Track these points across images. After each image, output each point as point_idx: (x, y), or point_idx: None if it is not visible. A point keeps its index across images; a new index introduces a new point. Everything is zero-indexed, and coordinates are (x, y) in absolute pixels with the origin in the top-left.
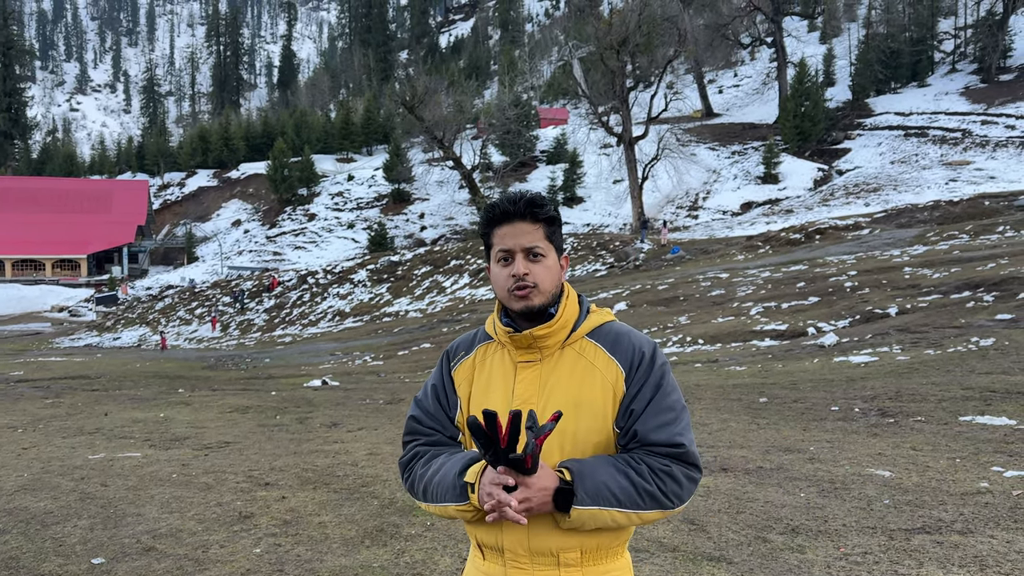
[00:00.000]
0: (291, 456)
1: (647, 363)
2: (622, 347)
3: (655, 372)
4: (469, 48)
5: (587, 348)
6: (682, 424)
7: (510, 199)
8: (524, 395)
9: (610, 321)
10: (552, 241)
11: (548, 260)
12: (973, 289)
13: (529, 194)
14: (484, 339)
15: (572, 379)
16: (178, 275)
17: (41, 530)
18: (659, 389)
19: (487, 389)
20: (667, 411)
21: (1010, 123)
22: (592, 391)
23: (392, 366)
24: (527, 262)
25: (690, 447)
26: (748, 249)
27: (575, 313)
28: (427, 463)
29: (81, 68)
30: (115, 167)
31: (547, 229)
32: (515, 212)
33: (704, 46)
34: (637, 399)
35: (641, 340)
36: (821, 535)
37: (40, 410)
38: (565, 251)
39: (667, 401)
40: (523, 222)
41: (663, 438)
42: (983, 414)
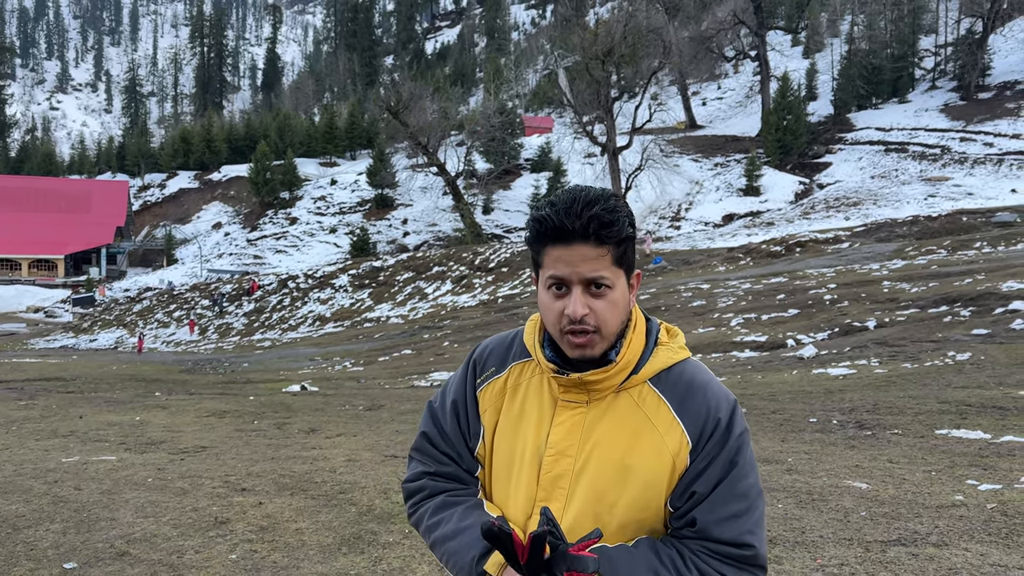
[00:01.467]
0: (268, 462)
1: (722, 433)
2: (693, 406)
3: (730, 446)
4: (455, 55)
5: (648, 398)
6: (754, 518)
7: (569, 209)
8: (561, 445)
9: (683, 361)
10: (622, 264)
11: (615, 293)
12: (950, 304)
13: (596, 204)
14: (521, 355)
15: (622, 436)
16: (157, 277)
17: (12, 534)
18: (733, 469)
19: (517, 426)
20: (739, 499)
21: (988, 140)
22: (645, 456)
23: (372, 372)
24: (587, 297)
25: (760, 549)
26: (729, 261)
27: (641, 347)
28: (438, 513)
29: (62, 67)
30: (95, 167)
31: (616, 251)
32: (575, 231)
33: (688, 58)
34: (702, 479)
35: (719, 398)
36: (798, 546)
37: (13, 412)
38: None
39: (741, 486)
40: (585, 244)
41: (729, 536)
42: (959, 428)
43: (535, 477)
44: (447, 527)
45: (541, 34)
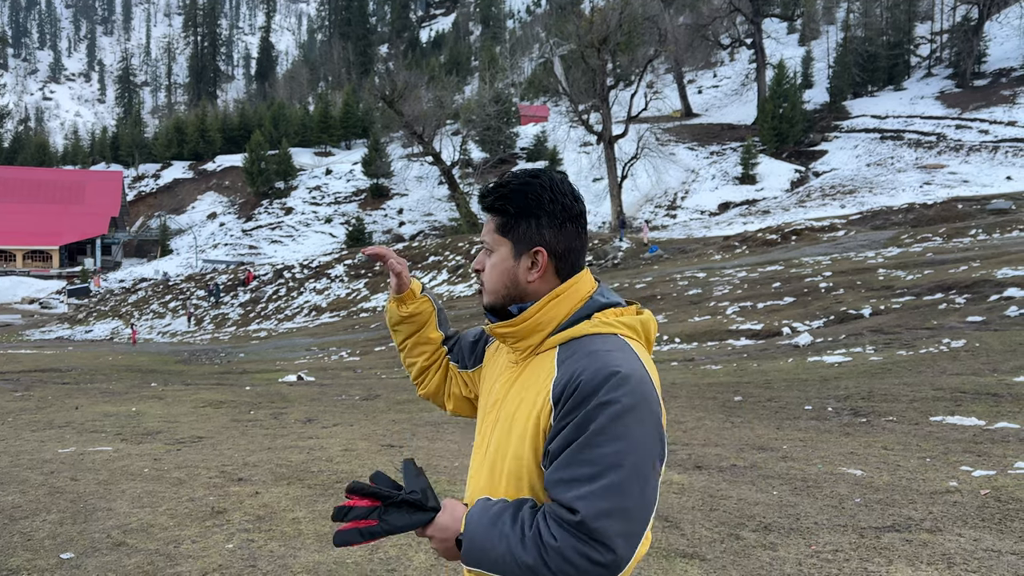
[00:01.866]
0: (265, 451)
1: (580, 397)
2: (565, 368)
3: (587, 409)
4: (450, 43)
5: (547, 360)
6: (595, 487)
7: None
8: (495, 395)
9: (598, 334)
10: (506, 234)
11: (495, 257)
12: (945, 291)
13: (508, 179)
14: None
15: (520, 392)
16: (152, 268)
17: (9, 524)
18: (583, 434)
19: (489, 375)
20: (581, 464)
21: (984, 128)
22: (525, 411)
23: (369, 362)
24: (483, 257)
25: (589, 519)
26: (725, 249)
27: (561, 315)
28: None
29: (55, 56)
30: (89, 157)
31: (500, 220)
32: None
33: (684, 46)
34: (556, 439)
35: (597, 365)
36: (793, 532)
37: (9, 403)
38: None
39: (590, 453)
40: (488, 212)
41: (561, 497)
42: (953, 414)
43: (481, 423)
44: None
45: (536, 22)
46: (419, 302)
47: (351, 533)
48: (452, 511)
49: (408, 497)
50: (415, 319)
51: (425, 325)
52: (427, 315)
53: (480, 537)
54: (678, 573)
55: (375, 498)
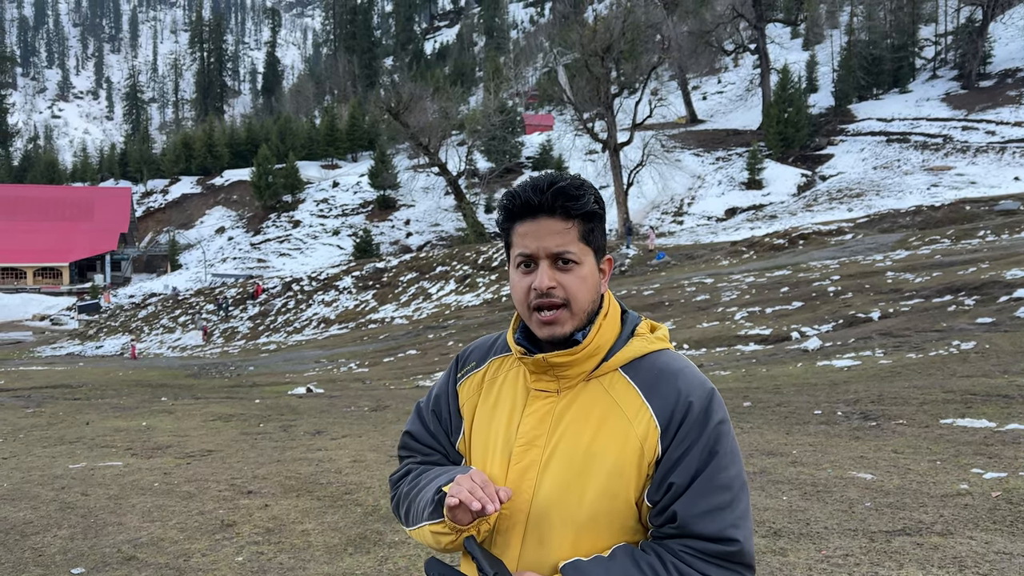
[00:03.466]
0: (274, 464)
1: (696, 419)
2: (663, 390)
3: (708, 433)
4: (454, 55)
5: (617, 385)
6: (738, 511)
7: (536, 186)
8: (530, 434)
9: (659, 351)
10: (590, 242)
11: (583, 269)
12: (954, 293)
13: (562, 180)
14: (502, 350)
15: (588, 423)
16: (161, 283)
17: (20, 540)
18: (712, 459)
19: (491, 417)
20: (720, 491)
21: (990, 128)
22: (610, 443)
23: (377, 373)
24: (554, 271)
25: (745, 545)
26: (733, 254)
27: (612, 335)
28: (415, 479)
29: (63, 75)
30: (97, 174)
31: (583, 227)
32: (540, 205)
33: (688, 53)
34: (679, 469)
35: (692, 384)
36: (803, 538)
37: (21, 420)
38: (608, 252)
39: (722, 477)
40: (551, 218)
41: (711, 531)
42: (964, 417)
43: (506, 468)
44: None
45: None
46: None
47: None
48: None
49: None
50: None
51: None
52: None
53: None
54: None
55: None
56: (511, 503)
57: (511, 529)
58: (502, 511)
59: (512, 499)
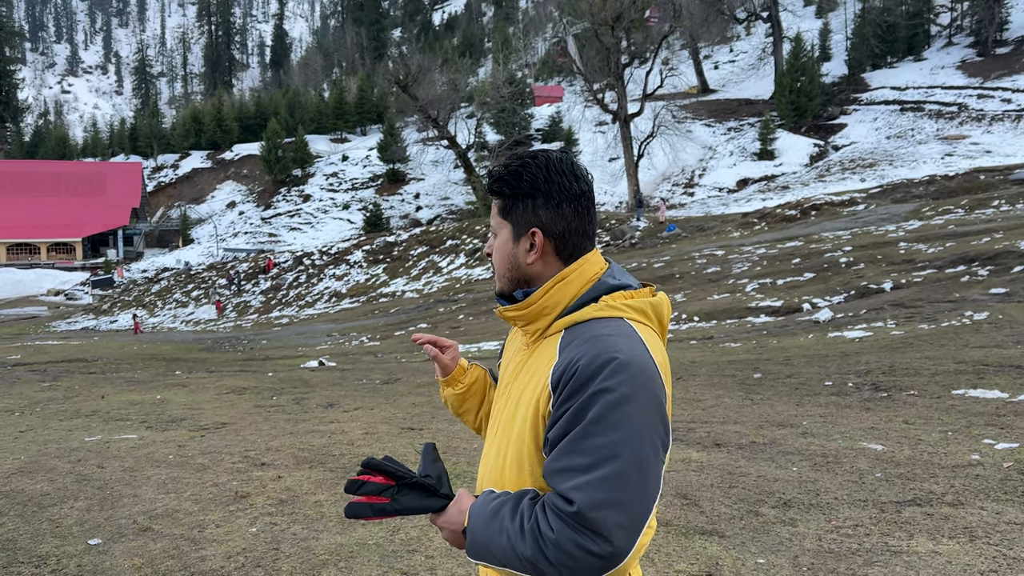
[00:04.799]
0: (287, 436)
1: (577, 384)
2: (566, 354)
3: (583, 398)
4: (463, 25)
5: (551, 343)
6: (591, 477)
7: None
8: (507, 379)
9: (606, 318)
10: (506, 217)
11: (498, 240)
12: (968, 263)
13: (511, 162)
14: None
15: (526, 376)
16: (174, 257)
17: (38, 512)
18: (578, 423)
19: (507, 359)
20: (578, 454)
21: (1006, 96)
22: (526, 393)
23: (389, 346)
24: (491, 240)
25: (585, 510)
26: (744, 226)
27: (566, 298)
28: None
29: (72, 50)
30: (108, 149)
31: (502, 204)
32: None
33: (699, 21)
34: (555, 427)
35: (595, 349)
36: (813, 508)
37: (37, 393)
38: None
39: (585, 443)
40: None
41: (559, 487)
42: (976, 387)
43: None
44: None
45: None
46: (469, 372)
47: (362, 507)
48: (460, 503)
49: (422, 480)
50: (475, 391)
51: (486, 390)
52: (482, 380)
53: (482, 530)
54: (697, 550)
55: (390, 477)
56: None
57: (487, 453)
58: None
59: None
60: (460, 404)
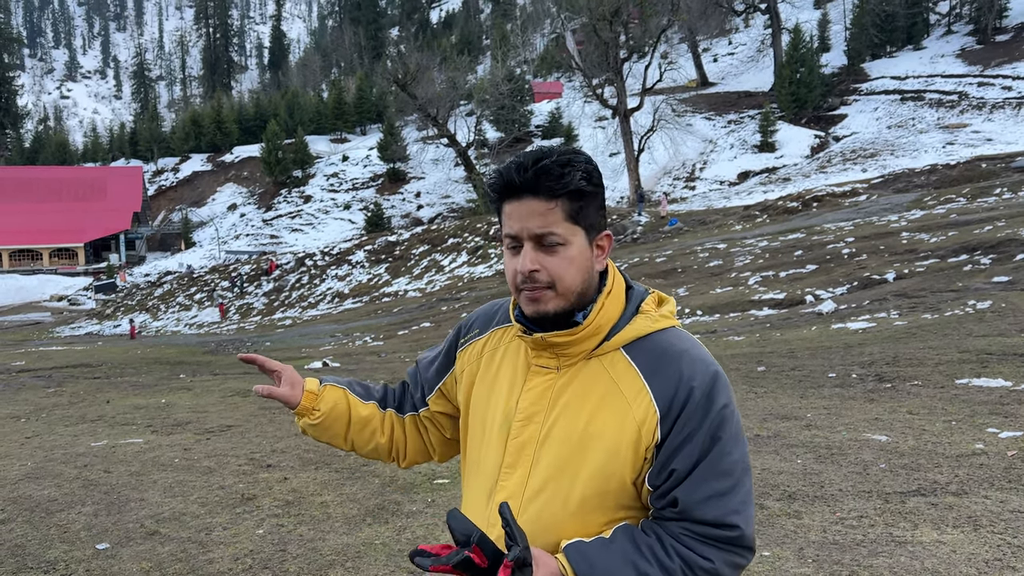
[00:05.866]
0: (292, 438)
1: (699, 404)
2: (664, 373)
3: (711, 419)
4: (460, 23)
5: (618, 365)
6: (740, 496)
7: (520, 164)
8: (530, 410)
9: (664, 330)
10: (578, 221)
11: (570, 250)
12: (970, 252)
13: (548, 157)
14: (504, 321)
15: (587, 403)
16: (176, 261)
17: (46, 517)
18: (715, 445)
19: (491, 391)
20: (722, 477)
21: (1007, 84)
22: (608, 424)
23: (392, 346)
24: (538, 253)
25: (746, 529)
26: (746, 219)
27: (616, 313)
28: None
29: (70, 55)
30: (108, 154)
31: (570, 206)
32: (522, 185)
33: (698, 14)
34: (681, 455)
35: (696, 367)
36: (818, 500)
37: (42, 399)
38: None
39: (724, 463)
40: (534, 198)
41: (712, 516)
42: (979, 376)
43: (503, 443)
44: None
45: None
46: (323, 397)
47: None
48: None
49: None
50: (336, 416)
51: (350, 410)
52: (343, 402)
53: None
54: None
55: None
56: (510, 475)
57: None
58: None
59: (512, 472)
60: (321, 434)
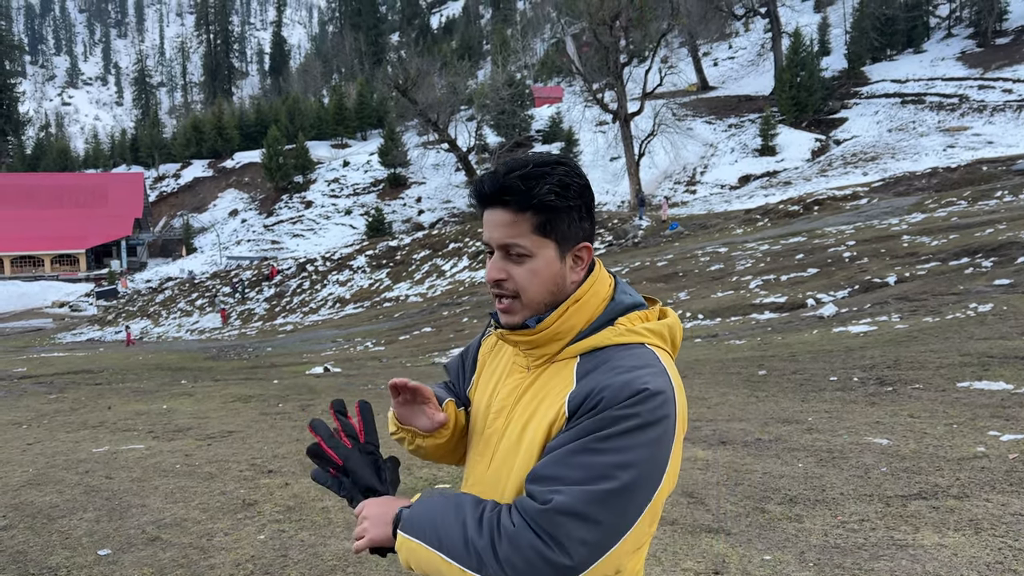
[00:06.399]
0: (293, 443)
1: (599, 406)
2: (590, 380)
3: (599, 418)
4: (461, 28)
5: (565, 370)
6: (579, 491)
7: (492, 174)
8: (500, 404)
9: (627, 345)
10: (547, 234)
11: (536, 262)
12: (971, 255)
13: (522, 168)
14: None
15: (533, 403)
16: (177, 267)
17: (47, 524)
18: (583, 436)
19: (488, 380)
20: (574, 467)
21: (1007, 87)
22: (538, 423)
23: (394, 351)
24: (506, 263)
25: (556, 511)
26: (747, 223)
27: (582, 322)
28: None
29: (71, 62)
30: (110, 160)
31: (537, 219)
32: (491, 196)
33: (698, 18)
34: (556, 439)
35: (619, 382)
36: (819, 504)
37: (44, 405)
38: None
39: (584, 458)
40: (502, 209)
41: (533, 486)
42: (981, 379)
43: (481, 431)
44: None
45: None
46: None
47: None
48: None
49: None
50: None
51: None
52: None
53: (431, 507)
54: (703, 548)
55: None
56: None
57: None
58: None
59: (479, 460)
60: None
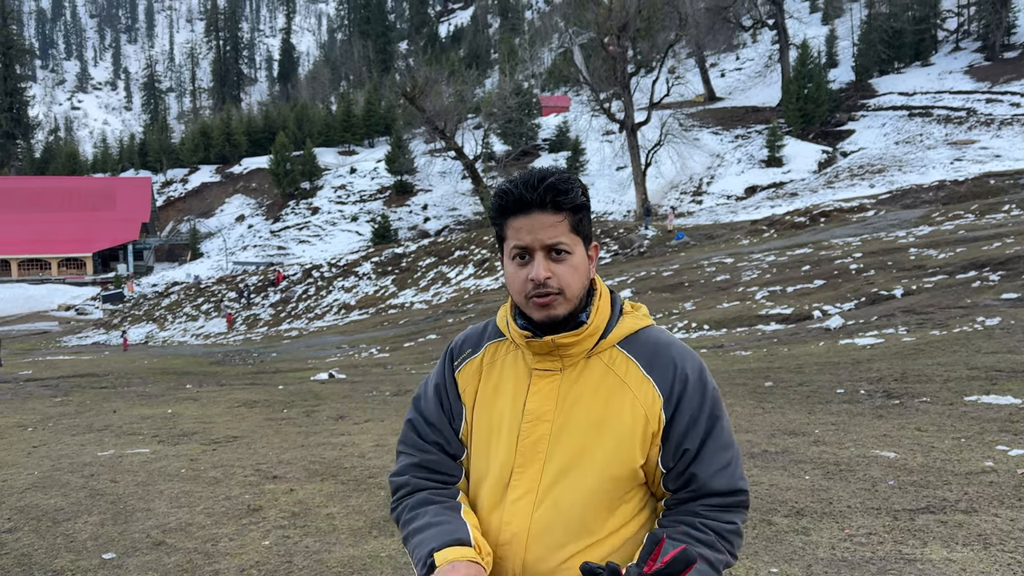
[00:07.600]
0: (298, 449)
1: (695, 389)
2: (661, 364)
3: (708, 401)
4: (469, 37)
5: (618, 360)
6: (738, 463)
7: (527, 182)
8: (539, 410)
9: (648, 327)
10: (579, 232)
11: (575, 258)
12: (979, 269)
13: (551, 176)
14: (495, 336)
15: (597, 396)
16: (183, 271)
17: (52, 527)
18: (715, 423)
19: (494, 399)
20: (724, 450)
21: (1015, 100)
22: (619, 412)
23: (398, 358)
24: (549, 262)
25: (748, 489)
26: (753, 233)
27: (607, 314)
28: (415, 509)
29: (81, 66)
30: (118, 165)
31: (573, 219)
32: (533, 200)
33: (705, 29)
34: (689, 436)
35: (685, 357)
36: (826, 517)
37: (49, 408)
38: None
39: (724, 437)
40: (543, 212)
41: (724, 486)
42: (988, 393)
43: (513, 445)
44: (420, 522)
45: (555, 11)
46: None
47: None
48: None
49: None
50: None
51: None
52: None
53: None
54: None
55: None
56: (523, 474)
57: (523, 497)
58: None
59: (524, 470)
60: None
